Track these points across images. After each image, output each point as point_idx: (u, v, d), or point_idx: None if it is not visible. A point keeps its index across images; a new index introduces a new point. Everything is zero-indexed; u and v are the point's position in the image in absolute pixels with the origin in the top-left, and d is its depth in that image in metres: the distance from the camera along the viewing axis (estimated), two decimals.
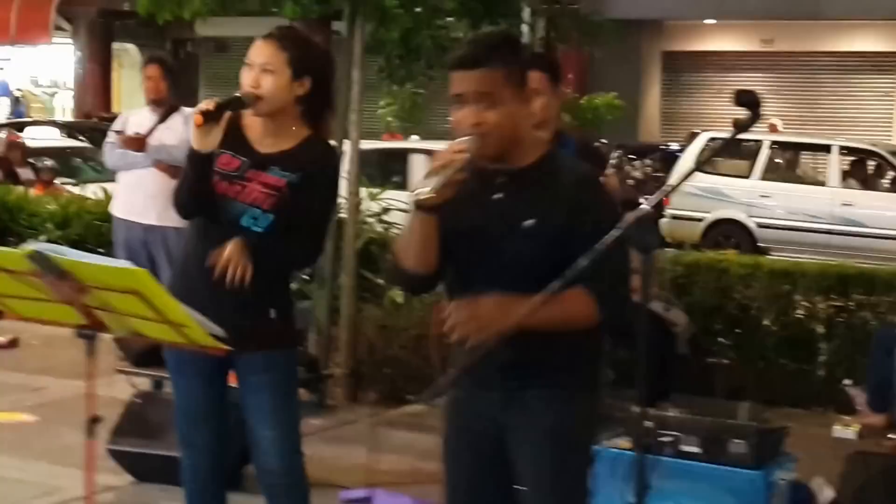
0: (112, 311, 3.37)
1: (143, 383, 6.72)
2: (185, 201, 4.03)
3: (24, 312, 3.61)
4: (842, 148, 15.60)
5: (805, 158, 16.98)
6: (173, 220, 7.18)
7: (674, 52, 24.44)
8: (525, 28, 12.53)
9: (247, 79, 3.94)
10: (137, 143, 7.16)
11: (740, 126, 2.89)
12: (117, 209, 7.47)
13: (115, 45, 27.19)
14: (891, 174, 15.81)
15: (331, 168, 4.14)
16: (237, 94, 3.93)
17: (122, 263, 3.34)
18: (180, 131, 7.19)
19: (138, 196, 7.26)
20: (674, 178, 15.12)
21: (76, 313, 3.41)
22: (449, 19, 8.38)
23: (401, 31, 7.89)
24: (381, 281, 8.44)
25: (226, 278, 3.84)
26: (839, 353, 7.64)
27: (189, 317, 3.30)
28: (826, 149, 15.70)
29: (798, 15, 21.23)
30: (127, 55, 28.77)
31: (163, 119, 7.28)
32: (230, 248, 3.85)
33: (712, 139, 16.04)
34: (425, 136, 21.41)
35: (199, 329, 3.34)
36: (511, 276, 3.11)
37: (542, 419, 3.19)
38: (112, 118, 23.14)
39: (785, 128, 20.09)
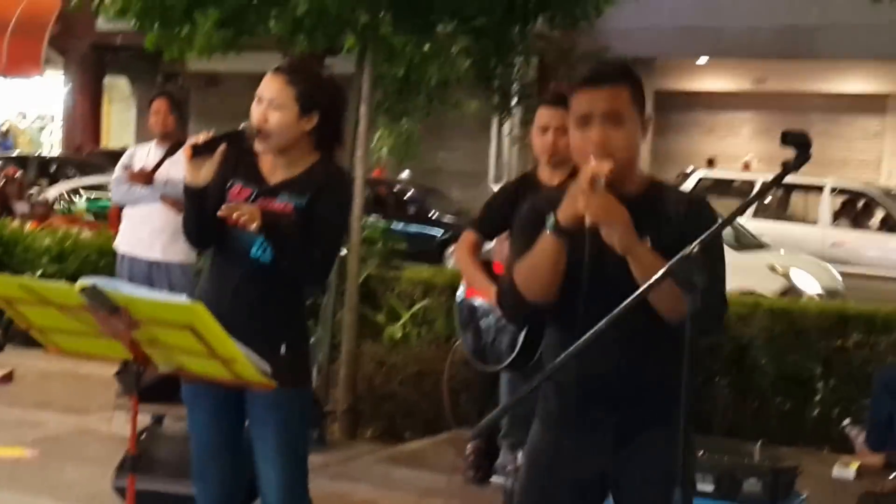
0: (159, 346, 3.37)
1: (143, 420, 6.67)
2: (190, 234, 4.04)
3: (67, 347, 3.59)
4: (833, 188, 15.71)
5: (797, 198, 17.08)
6: (178, 255, 7.25)
7: (665, 91, 24.58)
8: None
9: (255, 113, 3.92)
10: (144, 177, 7.14)
11: (789, 167, 2.87)
12: (122, 244, 7.44)
13: (106, 79, 27.23)
14: (881, 215, 15.91)
15: (339, 187, 4.05)
16: (240, 128, 3.90)
17: (179, 298, 3.33)
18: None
19: (144, 231, 7.23)
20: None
21: (122, 348, 3.41)
22: (453, 49, 8.40)
23: (405, 67, 7.93)
24: (379, 318, 8.46)
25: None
26: (836, 393, 7.65)
27: (240, 352, 3.29)
28: (818, 189, 15.80)
29: (790, 55, 21.40)
30: (117, 89, 28.84)
31: (169, 153, 7.26)
32: (247, 206, 3.85)
33: (702, 179, 16.15)
34: (416, 173, 21.51)
35: (247, 365, 3.33)
36: (625, 298, 2.91)
37: (661, 463, 3.07)
38: (102, 152, 23.21)
39: (775, 167, 20.18)
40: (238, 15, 7.59)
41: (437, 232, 17.89)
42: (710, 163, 21.03)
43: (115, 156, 19.36)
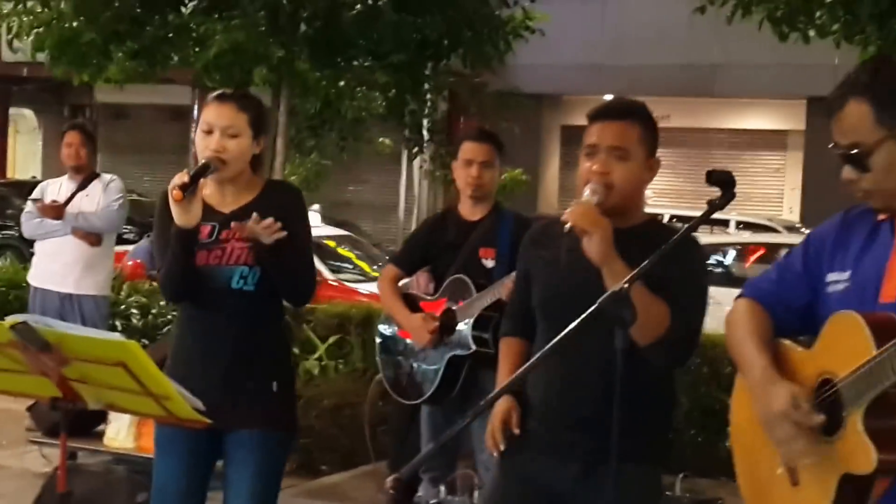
0: (90, 383, 3.33)
1: (55, 454, 6.57)
2: (175, 283, 3.84)
3: None
4: (738, 223, 15.99)
5: (702, 232, 17.35)
6: (91, 288, 7.20)
7: (572, 127, 24.82)
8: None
9: (210, 143, 3.80)
10: (55, 210, 7.10)
11: (714, 206, 2.94)
12: (34, 278, 7.37)
13: (12, 111, 26.87)
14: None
15: (301, 203, 4.02)
16: (203, 162, 3.76)
17: (112, 336, 3.31)
18: (99, 198, 7.16)
19: (56, 264, 7.17)
20: None
21: (51, 385, 3.36)
22: (361, 89, 8.45)
23: (320, 102, 7.97)
24: (295, 351, 8.43)
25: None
26: None
27: (173, 389, 3.26)
28: (724, 223, 16.07)
29: (693, 93, 21.82)
30: (23, 120, 28.46)
31: (82, 186, 7.23)
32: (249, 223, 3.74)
33: None
34: (326, 206, 21.48)
35: (181, 402, 3.29)
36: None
37: (625, 497, 2.92)
38: (7, 183, 22.81)
39: (679, 202, 20.54)
40: (152, 47, 7.58)
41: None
42: None
43: (21, 186, 19.07)
